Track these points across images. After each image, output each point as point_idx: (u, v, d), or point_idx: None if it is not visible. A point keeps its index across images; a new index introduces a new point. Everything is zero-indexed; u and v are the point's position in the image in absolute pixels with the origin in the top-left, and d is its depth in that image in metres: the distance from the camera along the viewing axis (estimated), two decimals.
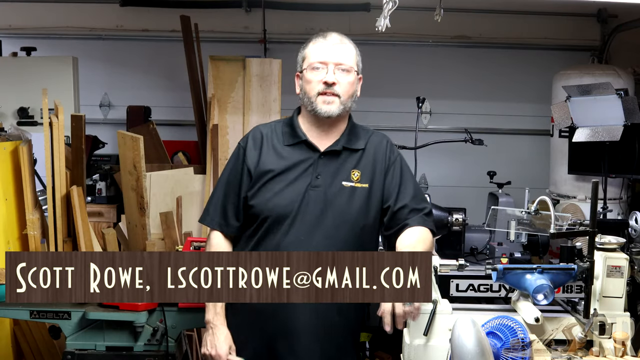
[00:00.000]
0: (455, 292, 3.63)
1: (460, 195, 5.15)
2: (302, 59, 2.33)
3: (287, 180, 2.27)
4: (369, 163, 2.33)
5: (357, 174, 2.30)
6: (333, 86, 2.25)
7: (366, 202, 2.29)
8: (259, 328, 2.29)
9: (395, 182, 2.33)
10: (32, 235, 3.33)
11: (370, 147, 2.36)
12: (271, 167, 2.29)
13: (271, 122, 2.46)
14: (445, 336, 2.19)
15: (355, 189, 2.28)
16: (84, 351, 2.73)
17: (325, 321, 2.26)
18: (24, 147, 3.37)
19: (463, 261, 2.30)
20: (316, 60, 2.27)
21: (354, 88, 2.31)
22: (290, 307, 2.20)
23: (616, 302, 2.29)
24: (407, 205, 2.30)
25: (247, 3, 5.52)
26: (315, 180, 2.26)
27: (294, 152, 2.31)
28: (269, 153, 2.32)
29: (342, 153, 2.32)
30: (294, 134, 2.34)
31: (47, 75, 4.75)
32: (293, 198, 2.25)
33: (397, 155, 2.39)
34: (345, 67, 2.27)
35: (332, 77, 2.25)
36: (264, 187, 2.28)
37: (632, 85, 4.64)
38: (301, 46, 2.36)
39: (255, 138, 2.36)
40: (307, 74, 2.28)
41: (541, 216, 2.86)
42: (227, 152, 4.34)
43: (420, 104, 4.43)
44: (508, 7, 5.52)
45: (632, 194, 4.69)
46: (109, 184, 4.85)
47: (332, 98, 2.26)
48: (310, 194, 2.25)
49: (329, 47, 2.27)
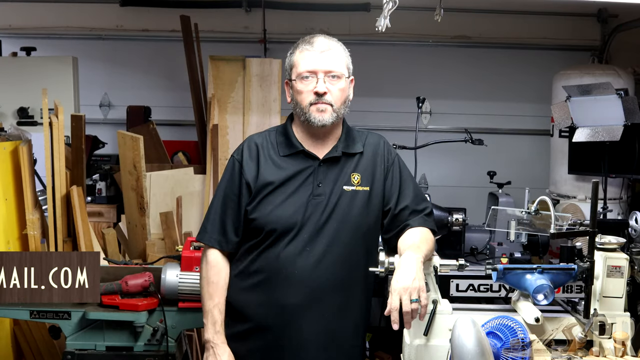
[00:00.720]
0: (455, 292, 3.63)
1: (460, 195, 5.15)
2: (290, 67, 2.28)
3: (288, 191, 2.24)
4: (368, 165, 2.31)
5: (357, 177, 2.28)
6: (324, 96, 2.20)
7: (367, 205, 2.27)
8: (260, 342, 2.27)
9: (396, 184, 2.32)
10: (32, 235, 3.33)
11: (368, 149, 2.34)
12: (271, 179, 2.24)
13: (264, 131, 2.40)
14: (445, 336, 2.19)
15: (357, 193, 2.26)
16: (84, 351, 2.72)
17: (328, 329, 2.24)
18: (24, 147, 3.37)
19: (463, 261, 2.29)
20: (305, 70, 2.22)
21: (345, 94, 2.27)
22: (295, 317, 2.20)
23: (616, 302, 2.29)
24: (408, 206, 2.29)
25: (247, 3, 5.52)
26: (317, 189, 2.24)
27: (292, 162, 2.27)
28: (267, 164, 2.27)
29: (341, 158, 2.29)
30: (290, 143, 2.29)
31: (47, 75, 4.75)
32: (296, 209, 2.22)
33: (395, 155, 2.38)
34: (335, 73, 2.22)
35: (322, 87, 2.20)
36: (265, 200, 2.24)
37: (632, 85, 4.64)
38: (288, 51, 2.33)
39: (251, 149, 2.30)
40: (297, 85, 2.24)
41: (541, 216, 2.86)
42: (227, 152, 4.35)
43: (420, 104, 4.43)
44: (508, 7, 5.52)
45: (632, 194, 4.69)
46: (109, 184, 4.85)
47: (325, 106, 2.21)
48: (312, 202, 2.23)
49: (317, 56, 2.21)
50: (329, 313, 2.23)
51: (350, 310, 2.28)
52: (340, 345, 2.27)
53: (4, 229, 3.29)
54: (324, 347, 2.24)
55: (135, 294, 2.77)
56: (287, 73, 2.31)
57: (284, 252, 2.20)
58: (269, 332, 2.24)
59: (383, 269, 2.21)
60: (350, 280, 2.25)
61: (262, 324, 2.25)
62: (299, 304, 2.21)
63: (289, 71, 2.29)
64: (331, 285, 2.21)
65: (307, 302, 2.21)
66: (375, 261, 2.22)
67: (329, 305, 2.23)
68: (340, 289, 2.23)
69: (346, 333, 2.28)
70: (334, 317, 2.24)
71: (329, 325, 2.24)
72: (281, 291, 2.21)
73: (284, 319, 2.22)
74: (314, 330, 2.22)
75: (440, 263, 2.28)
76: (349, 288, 2.26)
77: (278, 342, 2.24)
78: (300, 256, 2.19)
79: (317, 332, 2.23)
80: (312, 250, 2.19)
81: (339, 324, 2.26)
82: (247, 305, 2.27)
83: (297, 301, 2.20)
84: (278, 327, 2.23)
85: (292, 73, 2.27)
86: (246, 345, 2.28)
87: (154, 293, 2.77)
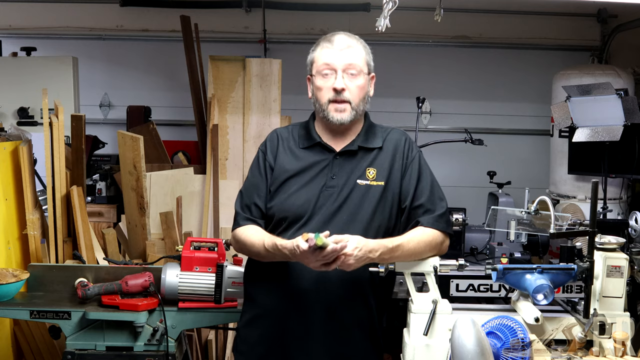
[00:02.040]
0: (455, 292, 3.63)
1: (460, 195, 5.13)
2: (311, 63, 2.33)
3: (302, 181, 2.28)
4: (386, 161, 2.31)
5: (372, 172, 2.29)
6: (342, 92, 2.25)
7: (381, 200, 2.27)
8: (268, 329, 2.30)
9: (413, 181, 2.31)
10: (32, 235, 3.33)
11: (389, 145, 2.35)
12: (287, 167, 2.31)
13: (289, 125, 2.48)
14: (445, 336, 2.19)
15: (370, 187, 2.27)
16: (84, 351, 2.72)
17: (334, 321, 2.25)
18: (24, 147, 3.37)
19: (463, 261, 2.30)
20: (324, 66, 2.27)
21: (364, 91, 2.30)
22: (301, 306, 2.21)
23: (616, 302, 2.29)
24: (423, 205, 2.29)
25: (247, 3, 5.52)
26: (331, 181, 2.26)
27: (310, 154, 2.32)
28: (286, 155, 2.34)
29: (358, 152, 2.31)
30: (309, 136, 2.35)
31: (47, 75, 4.75)
32: (308, 198, 2.25)
33: (416, 153, 2.37)
34: (354, 71, 2.26)
35: (341, 83, 2.24)
36: (280, 189, 2.30)
37: (632, 85, 4.64)
38: (302, 46, 2.38)
39: (272, 141, 2.39)
40: (317, 81, 2.29)
41: (541, 216, 2.86)
42: (227, 152, 4.35)
43: (420, 104, 4.43)
44: (508, 7, 5.53)
45: (632, 194, 4.69)
46: (109, 184, 4.85)
47: (344, 106, 2.26)
48: (325, 194, 2.25)
49: (336, 52, 2.26)
50: (335, 305, 2.24)
51: (358, 304, 2.28)
52: (347, 338, 2.27)
53: (4, 229, 3.29)
54: (329, 339, 2.25)
55: (135, 294, 2.77)
56: (308, 69, 2.36)
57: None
58: (276, 318, 2.28)
59: (383, 268, 2.21)
60: (358, 275, 2.22)
61: (269, 310, 2.29)
62: (305, 293, 2.22)
63: (309, 67, 2.35)
64: (339, 277, 2.21)
65: (313, 292, 2.22)
66: None
67: (336, 297, 2.24)
68: (348, 281, 2.23)
69: (353, 326, 2.28)
70: (341, 310, 2.25)
71: (335, 317, 2.25)
72: (289, 279, 2.23)
73: (290, 307, 2.25)
74: (319, 320, 2.24)
75: (440, 263, 2.28)
76: (358, 282, 2.26)
77: (284, 329, 2.27)
78: None
79: (323, 323, 2.24)
80: None
81: (346, 316, 2.26)
82: (258, 291, 2.34)
83: (304, 290, 2.22)
84: (284, 314, 2.26)
85: (312, 69, 2.32)
86: (257, 331, 2.32)
87: (154, 293, 2.77)
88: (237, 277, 2.74)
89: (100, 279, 2.92)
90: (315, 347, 2.25)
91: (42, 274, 2.96)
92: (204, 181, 4.31)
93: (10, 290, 2.80)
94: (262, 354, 2.31)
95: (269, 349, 2.30)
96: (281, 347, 2.28)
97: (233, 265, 2.79)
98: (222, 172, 4.32)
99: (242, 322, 2.40)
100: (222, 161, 4.33)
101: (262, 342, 2.32)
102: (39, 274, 2.95)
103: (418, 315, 2.25)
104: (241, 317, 2.42)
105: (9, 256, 3.30)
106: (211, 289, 2.75)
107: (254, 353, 2.33)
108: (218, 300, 2.75)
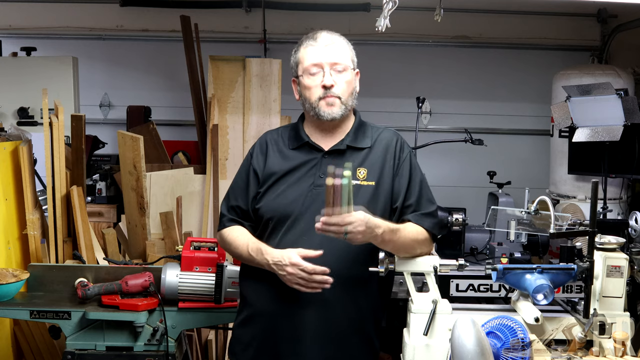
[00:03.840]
0: (455, 292, 3.63)
1: (460, 195, 5.15)
2: (296, 64, 2.33)
3: (290, 181, 2.29)
4: (376, 161, 2.31)
5: (363, 172, 2.29)
6: (332, 88, 2.26)
7: (372, 200, 2.26)
8: (259, 329, 2.30)
9: (404, 182, 2.31)
10: (32, 235, 3.33)
11: (379, 145, 2.34)
12: (275, 169, 2.32)
13: (279, 127, 2.50)
14: (445, 336, 2.19)
15: (361, 187, 2.26)
16: (84, 351, 2.73)
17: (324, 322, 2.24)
18: (24, 147, 3.37)
19: (463, 261, 2.30)
20: (310, 64, 2.27)
21: (352, 86, 2.32)
22: (290, 307, 2.21)
23: (616, 302, 2.29)
24: (412, 205, 2.30)
25: (247, 3, 5.52)
26: (319, 180, 2.26)
27: (299, 154, 2.33)
28: (275, 156, 2.34)
29: (347, 152, 2.31)
30: (298, 136, 2.36)
31: (47, 75, 4.75)
32: (296, 197, 2.25)
33: (407, 153, 2.36)
34: (340, 66, 2.27)
35: (329, 80, 2.25)
36: (270, 190, 2.30)
37: (632, 85, 4.64)
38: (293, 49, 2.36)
39: (262, 143, 2.40)
40: (305, 80, 2.29)
41: (541, 216, 2.86)
42: (227, 152, 4.35)
43: (420, 104, 4.43)
44: (508, 7, 5.52)
45: (632, 194, 4.69)
46: (109, 184, 4.85)
47: (333, 100, 2.26)
48: (313, 193, 2.25)
49: (321, 49, 2.27)
50: (327, 306, 2.22)
51: (349, 305, 2.26)
52: (338, 340, 2.26)
53: (4, 229, 3.29)
54: (319, 340, 2.24)
55: (135, 294, 2.77)
56: (293, 71, 2.36)
57: (283, 240, 2.24)
58: (266, 319, 2.28)
59: (383, 268, 2.21)
60: (350, 275, 2.23)
61: (260, 310, 2.30)
62: (294, 293, 2.20)
63: (294, 68, 2.35)
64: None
65: (305, 293, 2.18)
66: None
67: (327, 298, 2.21)
68: (337, 282, 2.18)
69: (344, 328, 2.27)
70: (331, 311, 2.24)
71: (327, 319, 2.24)
72: (278, 279, 2.21)
73: (280, 307, 2.25)
74: (309, 321, 2.23)
75: (440, 263, 2.28)
76: (348, 283, 2.23)
77: (274, 330, 2.27)
78: (297, 245, 2.18)
79: (313, 324, 2.23)
80: (309, 240, 2.19)
81: (338, 317, 2.25)
82: (250, 292, 2.35)
83: (296, 291, 2.19)
84: (274, 315, 2.26)
85: (299, 69, 2.32)
86: (249, 331, 2.33)
87: (154, 293, 2.77)
88: (237, 277, 2.73)
89: (100, 279, 2.93)
90: (308, 348, 2.24)
91: (42, 274, 2.96)
92: (204, 181, 4.31)
93: (10, 290, 2.80)
94: (254, 354, 2.31)
95: (261, 350, 2.30)
96: (273, 348, 2.28)
97: (233, 265, 2.79)
98: (222, 172, 4.33)
99: (237, 322, 2.41)
100: (222, 161, 4.33)
101: (254, 342, 2.32)
102: (39, 274, 2.95)
103: (418, 315, 2.25)
104: (236, 317, 2.42)
105: (9, 256, 3.30)
106: (211, 289, 2.76)
107: (247, 354, 2.33)
108: (218, 300, 2.75)
